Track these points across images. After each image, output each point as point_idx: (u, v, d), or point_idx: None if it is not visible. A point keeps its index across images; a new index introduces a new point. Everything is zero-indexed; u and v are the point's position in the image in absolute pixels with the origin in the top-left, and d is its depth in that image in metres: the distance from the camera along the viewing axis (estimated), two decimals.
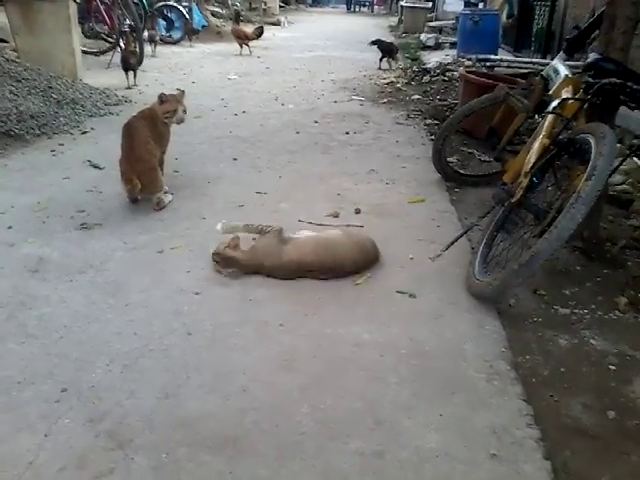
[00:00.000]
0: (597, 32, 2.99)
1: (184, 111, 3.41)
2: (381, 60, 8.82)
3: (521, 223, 2.59)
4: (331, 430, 1.75)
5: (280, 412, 1.82)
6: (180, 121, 3.41)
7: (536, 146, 2.65)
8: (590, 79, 2.59)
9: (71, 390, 1.88)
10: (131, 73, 6.69)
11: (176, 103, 3.37)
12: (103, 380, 1.94)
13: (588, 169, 2.18)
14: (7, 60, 5.66)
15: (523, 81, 3.98)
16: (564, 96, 2.75)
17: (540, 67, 5.47)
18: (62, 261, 2.70)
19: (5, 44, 6.96)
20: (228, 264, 2.59)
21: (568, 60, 3.21)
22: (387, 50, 8.79)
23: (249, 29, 11.01)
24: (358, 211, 3.31)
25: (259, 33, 10.79)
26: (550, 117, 2.73)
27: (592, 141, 2.29)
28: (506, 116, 3.45)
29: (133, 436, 1.71)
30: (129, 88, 6.58)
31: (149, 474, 1.59)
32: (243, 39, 10.24)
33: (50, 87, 5.49)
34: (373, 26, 17.58)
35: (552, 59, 3.52)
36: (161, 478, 1.58)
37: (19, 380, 1.92)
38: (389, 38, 11.74)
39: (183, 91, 3.50)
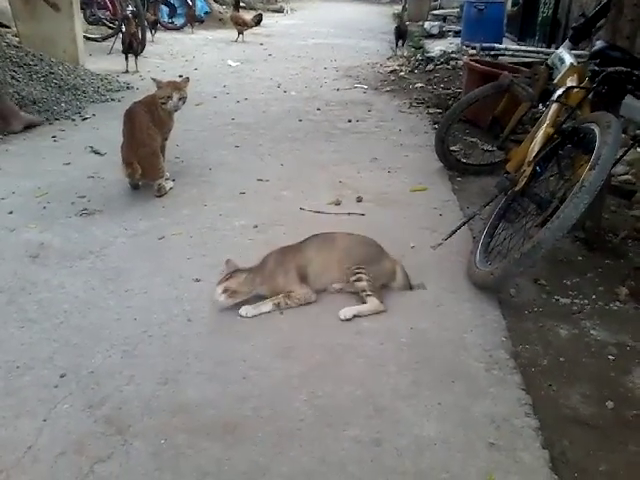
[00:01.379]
0: (604, 20, 2.96)
1: (180, 98, 3.29)
2: (396, 46, 8.94)
3: (523, 212, 2.57)
4: (330, 417, 1.75)
5: (279, 399, 1.82)
6: (173, 108, 3.31)
7: (540, 135, 2.63)
8: (596, 67, 2.56)
9: (70, 375, 1.89)
10: (132, 58, 6.66)
11: (171, 90, 3.28)
12: (102, 365, 1.94)
13: (592, 158, 2.16)
14: (9, 45, 5.65)
15: (527, 70, 3.95)
16: (569, 84, 2.73)
17: (545, 56, 5.43)
18: (62, 247, 2.70)
19: (7, 29, 6.92)
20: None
21: (574, 49, 3.18)
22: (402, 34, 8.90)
23: (248, 16, 10.95)
24: (360, 199, 3.30)
25: (258, 20, 10.76)
26: (554, 106, 2.71)
27: (597, 130, 2.27)
28: (510, 105, 3.43)
29: (132, 422, 1.71)
30: (127, 72, 6.57)
31: (148, 460, 1.59)
32: (242, 26, 10.20)
33: (52, 73, 5.47)
34: (377, 14, 17.45)
35: (557, 48, 3.49)
36: (160, 464, 1.58)
37: (18, 365, 1.93)
38: (391, 26, 11.65)
39: (187, 78, 3.44)
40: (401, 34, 8.94)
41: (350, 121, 5.01)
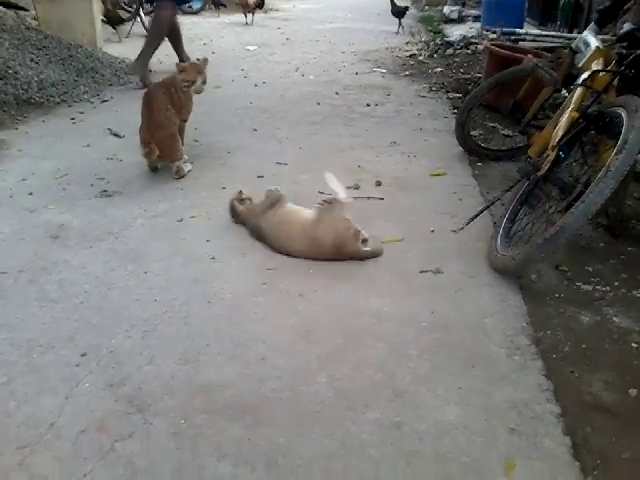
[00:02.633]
0: (631, 2, 2.90)
1: (203, 82, 3.39)
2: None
3: (546, 198, 2.54)
4: (350, 400, 1.75)
5: (299, 381, 1.81)
6: (198, 92, 3.40)
7: (564, 119, 2.58)
8: (623, 51, 2.52)
9: (91, 355, 1.90)
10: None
11: (195, 73, 3.33)
12: (123, 345, 1.95)
13: (619, 142, 2.12)
14: (28, 28, 5.65)
15: (549, 54, 3.89)
16: (595, 68, 2.67)
17: (566, 41, 5.35)
18: (82, 228, 2.71)
19: (26, 12, 6.92)
20: (234, 215, 2.79)
21: (599, 32, 3.11)
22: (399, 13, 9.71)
23: None
24: (379, 183, 3.28)
25: (260, 3, 10.77)
26: (579, 90, 2.66)
27: (623, 114, 2.22)
28: (532, 90, 3.38)
29: (152, 401, 1.72)
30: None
31: (168, 439, 1.59)
32: (245, 7, 10.21)
33: (70, 55, 5.48)
34: None
35: (579, 33, 3.42)
36: (180, 443, 1.58)
37: (40, 343, 1.94)
38: (410, 10, 11.59)
39: (206, 59, 3.46)
40: (398, 13, 9.68)
41: (369, 105, 4.96)
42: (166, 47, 6.89)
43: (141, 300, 2.19)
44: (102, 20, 7.03)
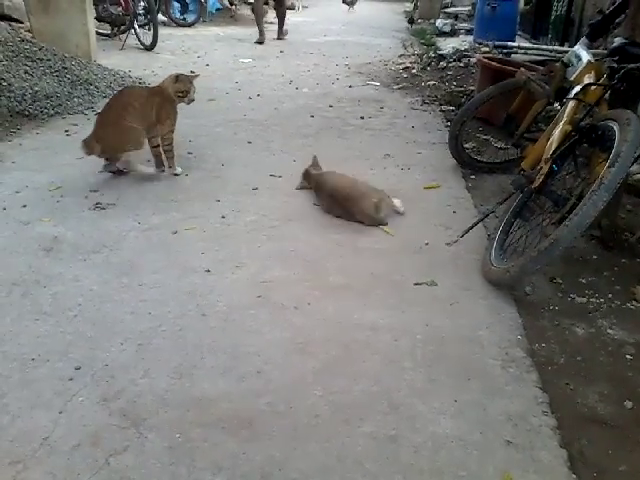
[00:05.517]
0: (622, 17, 2.93)
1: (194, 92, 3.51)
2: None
3: (539, 210, 2.55)
4: (345, 413, 1.74)
5: (294, 394, 1.81)
6: (190, 102, 3.50)
7: (557, 132, 2.60)
8: (615, 64, 2.54)
9: (85, 368, 1.89)
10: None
11: (189, 84, 3.42)
12: (117, 359, 1.94)
13: (611, 155, 2.14)
14: (22, 40, 5.64)
15: (541, 68, 3.92)
16: (586, 82, 2.70)
17: (558, 55, 5.39)
18: (76, 240, 2.70)
19: (20, 24, 6.94)
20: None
21: (590, 46, 3.15)
22: None
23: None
24: None
25: None
26: (572, 103, 2.68)
27: (616, 127, 2.24)
28: (524, 102, 3.40)
29: (147, 415, 1.71)
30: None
31: (163, 453, 1.59)
32: None
33: (64, 68, 5.47)
34: (388, 11, 17.39)
35: (570, 47, 3.45)
36: (175, 458, 1.57)
37: (34, 357, 1.93)
38: (403, 23, 11.68)
39: (193, 72, 3.54)
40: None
41: (362, 118, 4.98)
42: (150, 58, 6.93)
43: (135, 313, 2.19)
44: (97, 32, 7.05)
